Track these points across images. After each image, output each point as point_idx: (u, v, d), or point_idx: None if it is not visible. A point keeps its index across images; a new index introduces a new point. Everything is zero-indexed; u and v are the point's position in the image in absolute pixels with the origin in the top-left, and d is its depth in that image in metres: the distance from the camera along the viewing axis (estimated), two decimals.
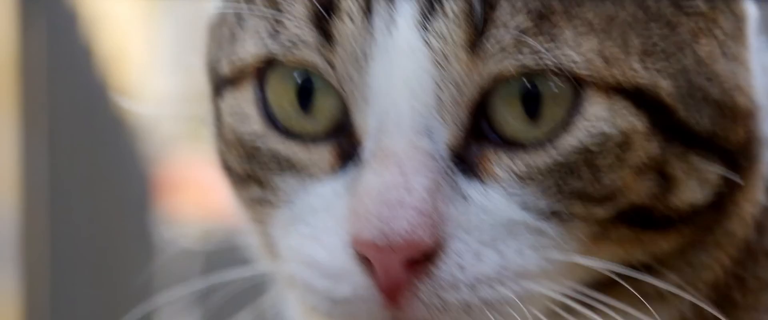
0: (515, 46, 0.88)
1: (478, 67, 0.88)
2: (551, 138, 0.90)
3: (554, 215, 0.90)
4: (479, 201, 0.90)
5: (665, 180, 0.91)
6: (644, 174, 0.90)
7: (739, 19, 0.96)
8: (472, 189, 0.90)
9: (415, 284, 0.88)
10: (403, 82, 0.89)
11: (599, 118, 0.89)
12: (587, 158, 0.90)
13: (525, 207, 0.90)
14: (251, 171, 0.96)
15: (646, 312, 0.93)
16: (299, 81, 0.93)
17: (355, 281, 0.89)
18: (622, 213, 0.91)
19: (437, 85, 0.89)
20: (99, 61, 3.04)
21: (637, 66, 0.90)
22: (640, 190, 0.90)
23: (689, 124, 0.91)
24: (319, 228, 0.92)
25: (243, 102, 0.96)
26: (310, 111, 0.94)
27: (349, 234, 0.89)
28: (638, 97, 0.90)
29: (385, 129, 0.90)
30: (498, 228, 0.89)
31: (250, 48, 0.95)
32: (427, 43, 0.89)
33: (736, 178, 0.93)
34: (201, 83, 1.04)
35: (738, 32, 0.96)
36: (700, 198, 0.92)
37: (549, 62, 0.88)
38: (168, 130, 3.28)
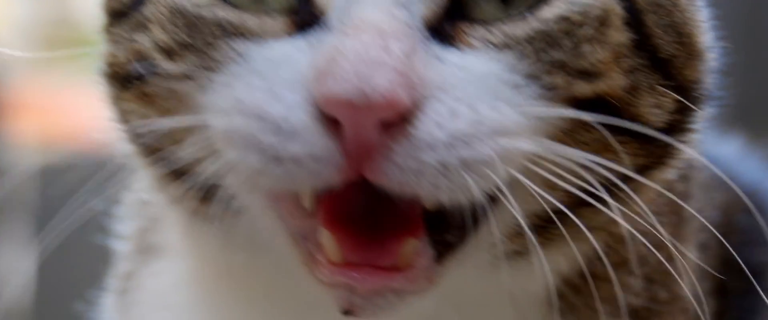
0: None
1: None
2: (531, 9, 0.90)
3: (532, 78, 0.89)
4: (456, 62, 0.88)
5: (632, 85, 0.92)
6: (619, 63, 0.92)
7: None
8: (448, 53, 0.88)
9: (388, 146, 0.85)
10: None
11: None
12: (568, 27, 0.90)
13: (503, 67, 0.89)
14: (189, 40, 0.92)
15: (566, 253, 0.95)
16: None
17: (311, 140, 0.85)
18: (598, 102, 0.91)
19: None
20: None
21: None
22: (615, 80, 0.91)
23: (654, 35, 0.94)
24: (277, 82, 0.87)
25: None
26: None
27: (316, 93, 0.85)
28: None
29: (358, 1, 0.87)
30: (474, 85, 0.87)
31: None
32: None
33: (691, 105, 0.96)
34: (51, 9, 1.06)
35: None
36: (656, 122, 0.94)
37: None
38: (12, 53, 3.24)
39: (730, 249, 1.03)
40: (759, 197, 1.18)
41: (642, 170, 0.95)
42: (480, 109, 0.87)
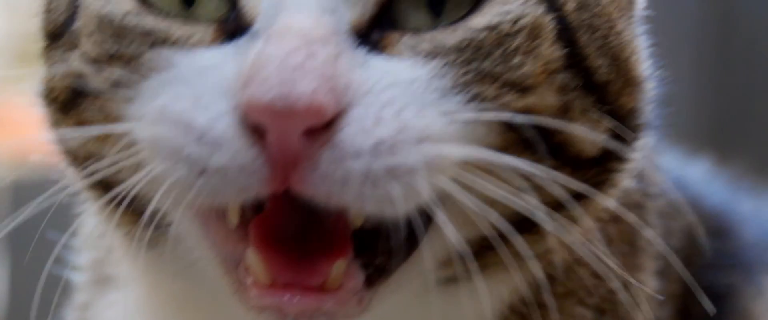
0: None
1: None
2: (462, 18, 0.89)
3: (462, 87, 0.88)
4: (382, 68, 0.87)
5: (565, 106, 0.91)
6: (552, 81, 0.90)
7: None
8: (375, 59, 0.87)
9: (314, 155, 0.83)
10: None
11: (510, 0, 0.90)
12: (498, 37, 0.89)
13: (430, 75, 0.87)
14: (116, 49, 0.90)
15: (504, 280, 0.94)
16: None
17: (236, 149, 0.84)
18: (526, 114, 0.89)
19: None
20: None
21: None
22: (547, 98, 0.90)
23: (588, 59, 0.92)
24: (202, 89, 0.86)
25: None
26: (192, 9, 0.90)
27: (241, 100, 0.83)
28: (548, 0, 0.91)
29: (284, 7, 0.86)
30: (399, 90, 0.86)
31: None
32: None
33: (623, 132, 0.94)
34: (26, 23, 1.05)
35: (630, 7, 0.99)
36: (588, 148, 0.92)
37: None
38: None
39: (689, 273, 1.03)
40: (724, 219, 1.18)
41: (578, 197, 0.94)
42: (405, 115, 0.85)
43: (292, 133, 0.82)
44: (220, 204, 0.88)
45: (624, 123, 0.94)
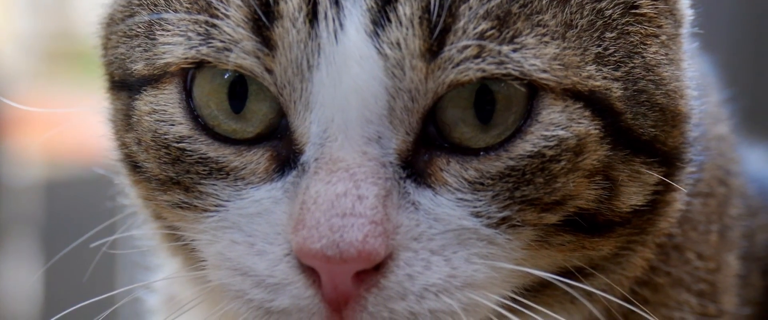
0: (477, 53, 0.85)
1: (435, 75, 0.86)
2: (505, 144, 0.88)
3: (504, 222, 0.88)
4: (429, 208, 0.88)
5: (611, 184, 0.90)
6: (593, 179, 0.89)
7: (677, 22, 0.96)
8: (422, 196, 0.88)
9: (363, 295, 0.86)
10: (352, 91, 0.86)
11: (555, 123, 0.88)
12: (542, 163, 0.88)
13: (475, 214, 0.88)
14: (175, 174, 0.92)
15: (572, 311, 0.94)
16: (230, 82, 0.90)
17: (296, 292, 0.87)
18: (569, 219, 0.89)
19: (390, 94, 0.86)
20: None
21: (592, 71, 0.89)
22: (588, 195, 0.89)
23: (635, 129, 0.90)
24: (256, 236, 0.89)
25: (165, 102, 0.92)
26: (242, 113, 0.90)
27: (292, 244, 0.86)
28: (592, 102, 0.88)
29: (331, 136, 0.87)
30: (447, 236, 0.87)
31: (175, 49, 0.90)
32: (380, 51, 0.86)
33: (673, 183, 0.93)
34: (53, 23, 1.05)
35: (677, 35, 0.95)
36: (641, 201, 0.92)
37: (512, 68, 0.86)
38: (15, 66, 3.25)
39: None
40: None
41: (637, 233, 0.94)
42: (454, 261, 0.88)
43: (343, 276, 0.85)
44: None
45: (672, 159, 0.94)
